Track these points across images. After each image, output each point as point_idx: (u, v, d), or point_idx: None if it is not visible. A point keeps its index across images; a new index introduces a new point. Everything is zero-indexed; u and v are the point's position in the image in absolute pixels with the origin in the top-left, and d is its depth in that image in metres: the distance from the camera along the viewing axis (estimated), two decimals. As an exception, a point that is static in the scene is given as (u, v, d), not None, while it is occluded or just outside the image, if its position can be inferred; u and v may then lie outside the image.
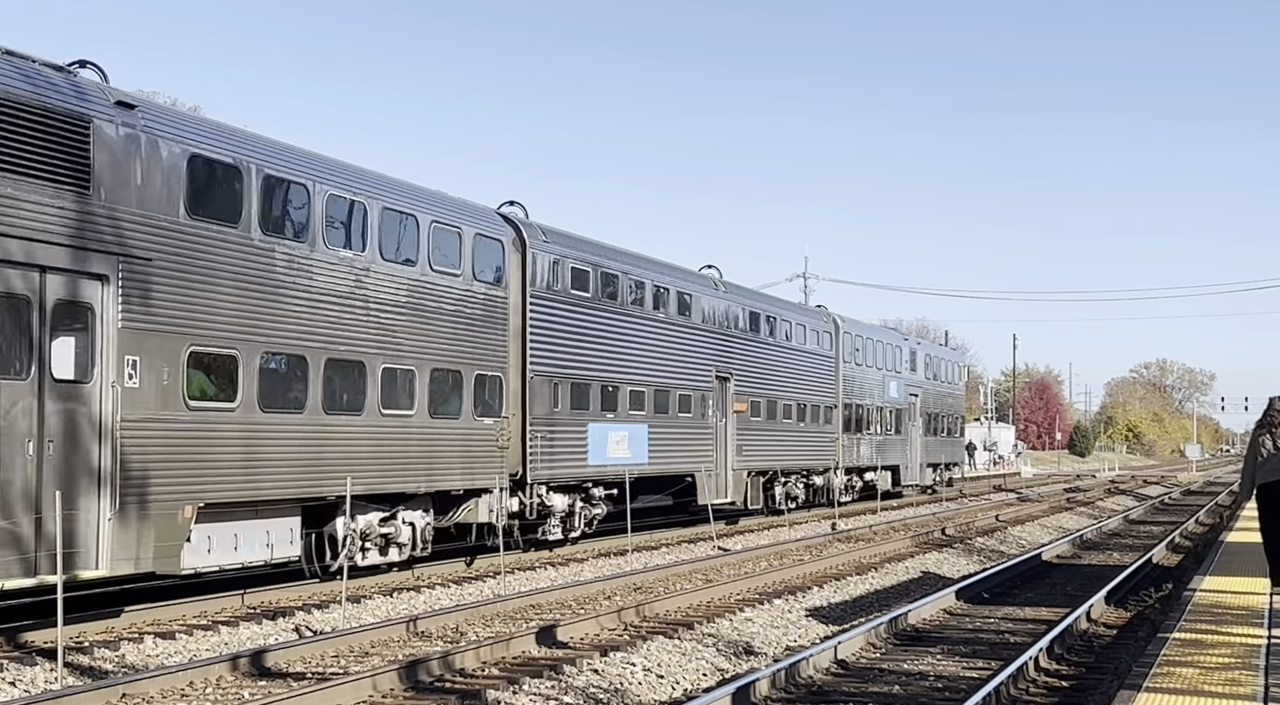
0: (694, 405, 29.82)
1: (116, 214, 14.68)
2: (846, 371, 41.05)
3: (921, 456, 49.24)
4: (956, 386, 56.38)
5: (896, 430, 46.31)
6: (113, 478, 14.37)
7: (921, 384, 49.68)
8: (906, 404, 47.63)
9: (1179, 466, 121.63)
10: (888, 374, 45.49)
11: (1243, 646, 11.75)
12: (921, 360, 50.36)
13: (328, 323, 18.02)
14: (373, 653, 14.24)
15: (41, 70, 14.45)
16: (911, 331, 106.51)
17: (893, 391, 45.92)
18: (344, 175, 19.00)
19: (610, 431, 25.70)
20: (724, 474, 31.61)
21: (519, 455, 22.92)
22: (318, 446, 17.76)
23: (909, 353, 49.05)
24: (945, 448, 53.53)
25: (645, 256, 28.90)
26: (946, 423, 53.56)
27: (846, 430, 40.49)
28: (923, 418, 49.39)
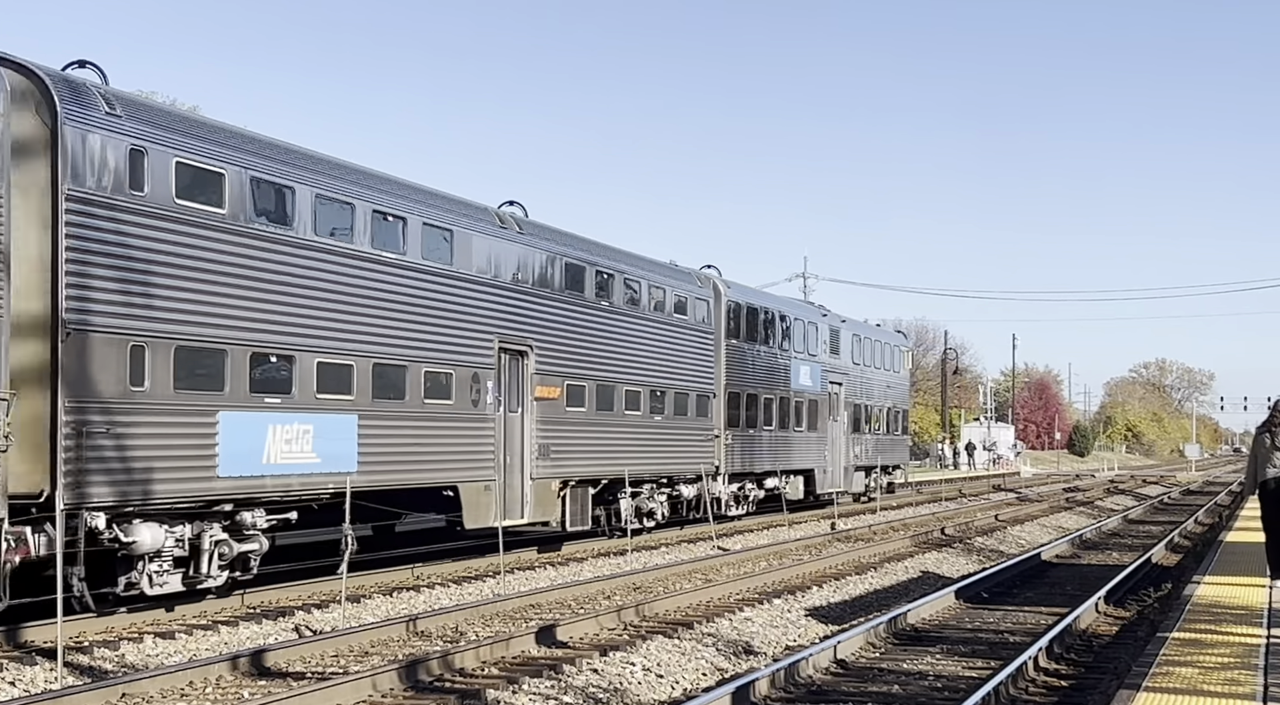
0: (454, 387, 21.05)
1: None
2: (733, 351, 32.65)
3: (847, 458, 41.07)
4: (898, 375, 48.09)
5: (810, 426, 37.86)
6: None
7: (848, 371, 41.52)
8: (825, 394, 39.18)
9: (1178, 466, 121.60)
10: (797, 356, 36.92)
11: (1242, 646, 11.75)
12: (848, 342, 41.86)
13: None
14: (372, 652, 14.25)
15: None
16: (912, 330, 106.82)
17: (804, 378, 37.46)
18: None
19: (275, 425, 17.38)
20: (517, 484, 22.99)
21: (41, 463, 14.39)
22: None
23: (828, 331, 40.09)
24: (884, 447, 45.48)
25: (369, 171, 20.18)
26: (884, 417, 45.75)
27: (734, 426, 32.38)
28: (850, 411, 41.34)
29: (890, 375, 46.87)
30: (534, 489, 23.49)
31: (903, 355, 49.45)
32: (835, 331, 40.94)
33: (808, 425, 37.64)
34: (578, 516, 25.18)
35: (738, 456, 32.76)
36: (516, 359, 23.12)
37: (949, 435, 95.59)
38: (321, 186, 18.42)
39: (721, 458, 31.78)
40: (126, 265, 15.31)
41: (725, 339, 32.22)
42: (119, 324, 15.20)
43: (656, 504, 28.68)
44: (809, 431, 37.76)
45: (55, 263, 14.46)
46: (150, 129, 15.77)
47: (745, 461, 33.22)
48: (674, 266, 31.10)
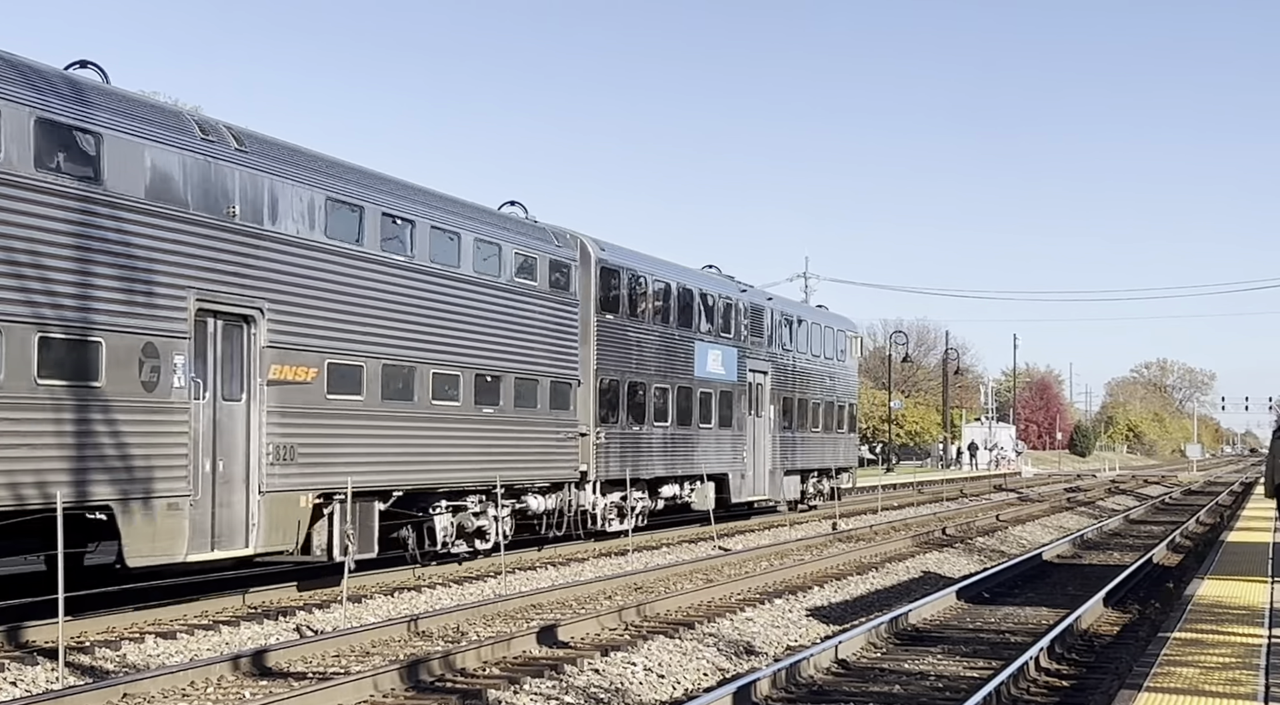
0: (105, 363, 14.81)
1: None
2: (609, 329, 26.36)
3: (774, 459, 34.79)
4: (842, 364, 41.38)
5: (723, 422, 31.70)
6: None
7: (776, 357, 35.19)
8: (744, 384, 33.07)
9: (1179, 466, 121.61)
10: (704, 338, 30.83)
11: (1243, 646, 11.75)
12: (775, 324, 35.41)
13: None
14: (374, 652, 14.25)
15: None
16: (913, 330, 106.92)
17: (713, 365, 31.20)
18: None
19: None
20: (237, 500, 16.70)
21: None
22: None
23: (746, 308, 33.50)
24: (825, 447, 39.05)
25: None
26: (826, 413, 39.14)
27: (609, 421, 26.23)
28: (778, 405, 35.12)
29: (833, 364, 40.29)
30: (266, 506, 16.99)
31: (849, 342, 42.57)
32: (758, 310, 34.20)
33: (719, 421, 31.31)
34: (354, 540, 18.49)
35: (615, 459, 26.29)
36: (235, 327, 16.82)
37: (950, 435, 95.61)
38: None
39: (591, 461, 25.30)
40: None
41: (598, 313, 25.61)
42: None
43: (489, 521, 22.07)
44: (721, 428, 31.48)
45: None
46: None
47: (627, 465, 26.66)
48: (522, 219, 24.46)
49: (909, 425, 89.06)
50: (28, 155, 13.90)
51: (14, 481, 13.59)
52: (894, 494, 52.33)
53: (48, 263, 14.12)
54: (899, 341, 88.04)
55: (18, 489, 13.65)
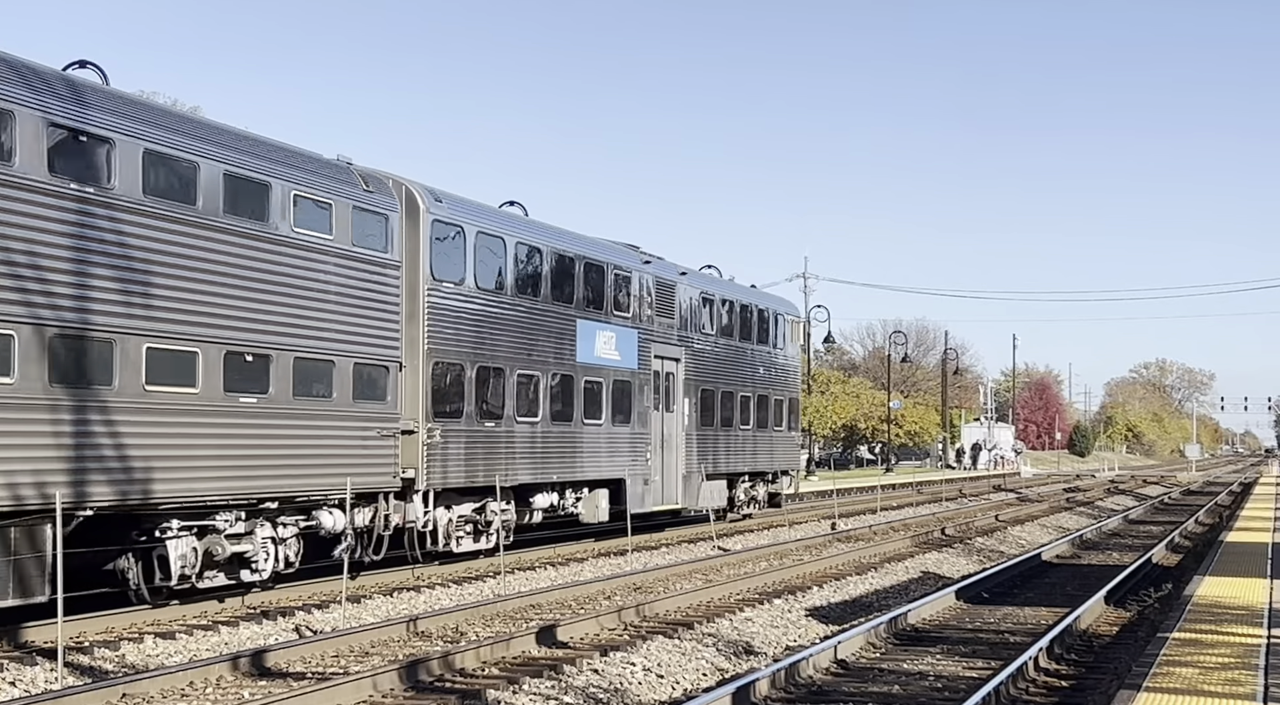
0: None
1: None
2: (447, 301, 21.11)
3: (689, 462, 29.75)
4: (783, 353, 35.89)
5: (619, 417, 26.50)
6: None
7: (691, 342, 30.04)
8: (648, 373, 27.84)
9: (1179, 466, 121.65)
10: (590, 316, 25.47)
11: (1242, 646, 11.76)
12: (691, 302, 30.05)
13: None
14: (373, 652, 14.25)
15: None
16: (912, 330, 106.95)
17: (604, 348, 25.92)
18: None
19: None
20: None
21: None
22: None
23: (650, 283, 28.03)
24: (758, 447, 33.85)
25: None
26: (761, 408, 33.92)
27: (447, 415, 20.98)
28: (697, 398, 30.18)
29: (770, 352, 34.80)
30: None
31: (790, 327, 36.62)
32: (667, 286, 28.85)
33: (612, 416, 26.11)
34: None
35: (458, 463, 21.25)
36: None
37: (949, 436, 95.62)
38: None
39: (420, 465, 20.30)
40: None
41: (432, 280, 20.66)
42: None
43: (257, 546, 17.44)
44: (616, 425, 26.30)
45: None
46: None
47: (477, 470, 21.69)
48: (311, 153, 19.00)
49: (908, 425, 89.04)
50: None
51: None
52: (893, 494, 52.34)
53: None
54: (898, 341, 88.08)
55: None
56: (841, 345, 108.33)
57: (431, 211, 20.83)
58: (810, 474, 66.51)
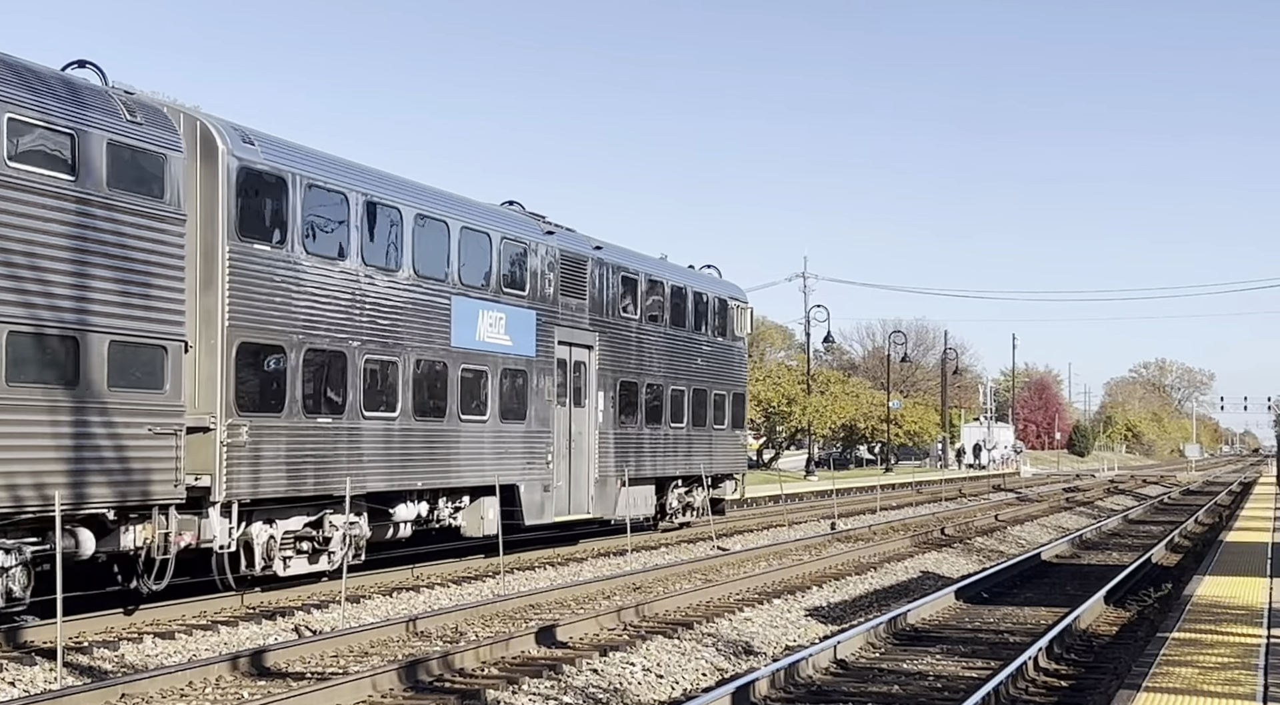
0: None
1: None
2: (258, 264, 17.09)
3: (604, 464, 25.81)
4: (724, 341, 31.78)
5: (509, 412, 22.46)
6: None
7: (608, 326, 26.03)
8: (549, 360, 23.82)
9: (1178, 466, 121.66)
10: (471, 293, 21.47)
11: (1241, 646, 11.76)
12: (604, 280, 26.00)
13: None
14: (372, 652, 14.24)
15: None
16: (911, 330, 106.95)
17: (490, 331, 21.98)
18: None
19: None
20: None
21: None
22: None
23: (552, 257, 24.00)
24: (695, 448, 30.01)
25: None
26: (692, 404, 29.90)
27: (264, 409, 17.12)
28: (611, 391, 26.16)
29: (711, 342, 31.01)
30: None
31: (737, 314, 32.55)
32: (576, 261, 24.89)
33: (500, 411, 22.13)
34: None
35: (274, 468, 17.20)
36: None
37: (949, 436, 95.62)
38: None
39: (218, 471, 16.27)
40: None
41: (236, 238, 16.64)
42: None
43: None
44: (506, 421, 22.30)
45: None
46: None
47: (304, 476, 17.73)
48: (39, 68, 14.71)
49: (908, 425, 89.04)
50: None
51: None
52: (893, 494, 52.35)
53: None
54: (898, 341, 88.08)
55: None
56: (841, 345, 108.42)
57: (237, 154, 16.69)
58: (810, 474, 66.51)
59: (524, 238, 23.28)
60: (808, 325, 72.25)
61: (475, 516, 21.85)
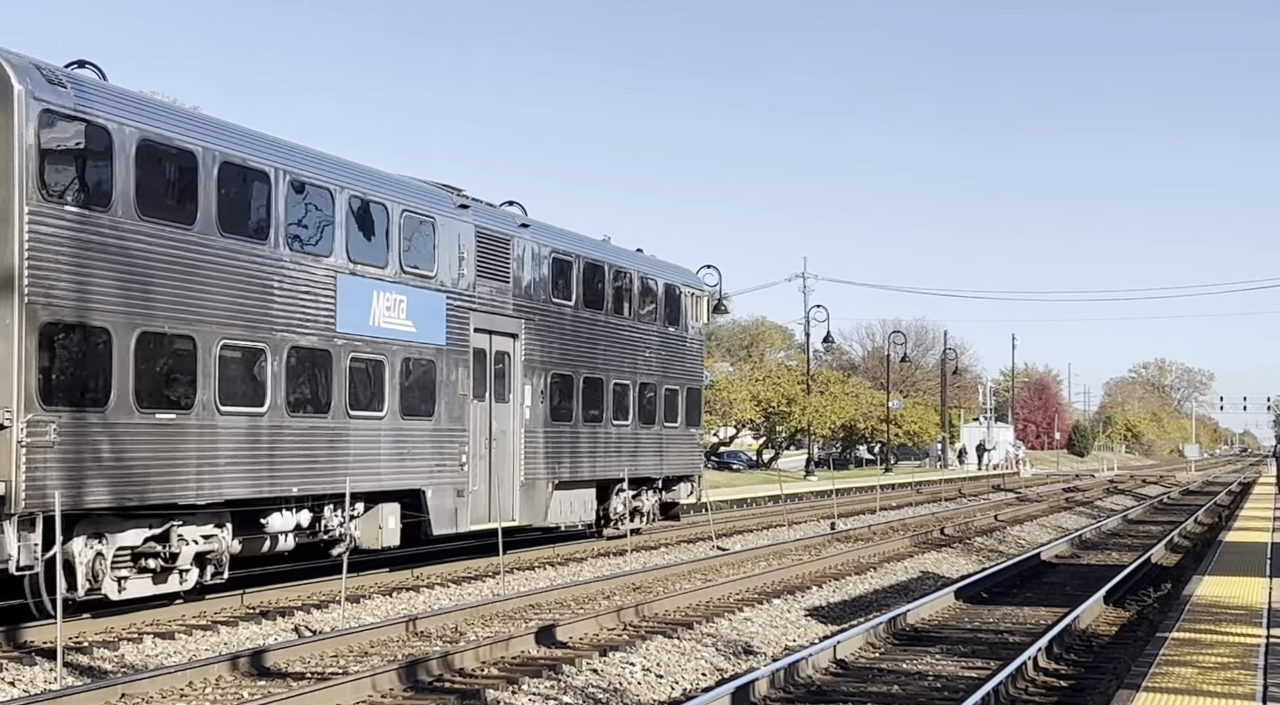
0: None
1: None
2: (67, 229, 14.37)
3: (532, 466, 23.36)
4: (676, 331, 29.24)
5: (412, 408, 20.03)
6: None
7: (537, 313, 23.51)
8: (463, 349, 21.32)
9: (1178, 466, 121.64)
10: (364, 272, 19.03)
11: (1241, 646, 11.76)
12: (533, 260, 23.45)
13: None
14: (372, 652, 14.25)
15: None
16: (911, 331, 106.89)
17: (388, 316, 19.52)
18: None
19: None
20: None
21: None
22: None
23: (467, 233, 21.49)
24: (643, 448, 27.57)
25: None
26: (639, 399, 27.32)
27: (76, 402, 14.42)
28: (541, 384, 23.58)
29: (662, 332, 28.53)
30: None
31: (693, 302, 30.09)
32: (498, 240, 22.44)
33: (401, 406, 19.69)
34: None
35: (102, 473, 14.65)
36: None
37: (949, 436, 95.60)
38: None
39: (15, 477, 13.65)
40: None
41: (35, 201, 14.02)
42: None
43: None
44: (408, 419, 19.91)
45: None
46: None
47: (146, 482, 15.19)
48: None
49: (907, 425, 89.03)
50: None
51: None
52: (892, 494, 52.37)
53: None
54: (897, 341, 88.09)
55: None
56: (841, 345, 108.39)
57: (40, 98, 14.03)
58: (810, 474, 66.52)
59: (431, 211, 20.63)
60: (807, 325, 72.27)
61: (372, 526, 19.46)
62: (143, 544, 15.50)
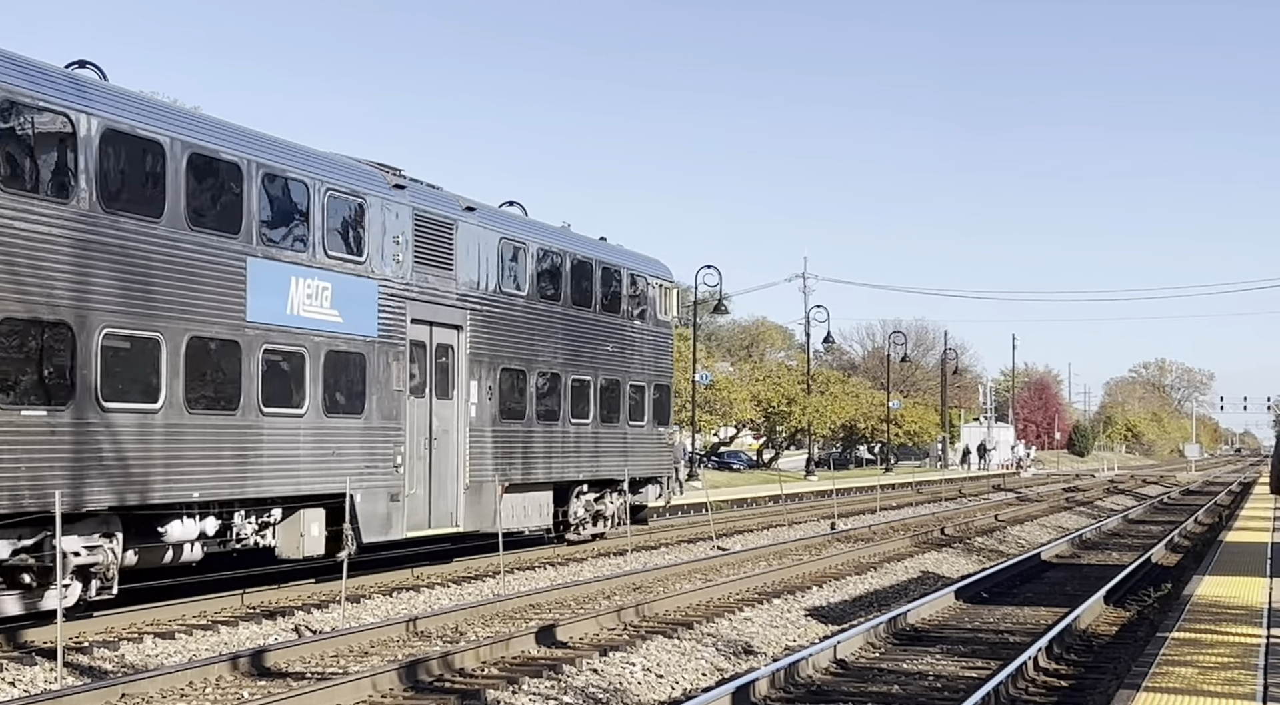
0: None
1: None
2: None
3: (477, 468, 21.59)
4: (641, 325, 27.50)
5: (337, 405, 18.41)
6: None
7: (482, 303, 21.80)
8: (397, 342, 19.71)
9: (1178, 466, 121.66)
10: (279, 254, 17.44)
11: (1241, 646, 11.76)
12: (480, 248, 21.84)
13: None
14: (372, 652, 14.25)
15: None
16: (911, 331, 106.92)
17: (309, 303, 17.92)
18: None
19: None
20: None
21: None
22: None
23: (403, 214, 19.97)
24: (606, 448, 26.00)
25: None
26: (602, 396, 25.74)
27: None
28: (488, 378, 21.90)
29: (627, 325, 26.91)
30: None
31: (661, 294, 28.46)
32: (439, 224, 20.88)
33: (325, 402, 18.08)
34: None
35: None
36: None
37: (949, 436, 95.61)
38: None
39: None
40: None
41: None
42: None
43: None
44: (333, 416, 18.26)
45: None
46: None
47: (16, 487, 13.69)
48: None
49: (907, 425, 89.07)
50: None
51: None
52: (893, 494, 52.37)
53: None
54: (898, 341, 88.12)
55: None
56: (841, 345, 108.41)
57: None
58: (810, 474, 66.53)
59: (360, 191, 19.03)
60: (808, 325, 72.32)
61: (293, 534, 17.77)
62: (11, 557, 13.82)
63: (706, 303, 57.95)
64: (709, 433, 70.29)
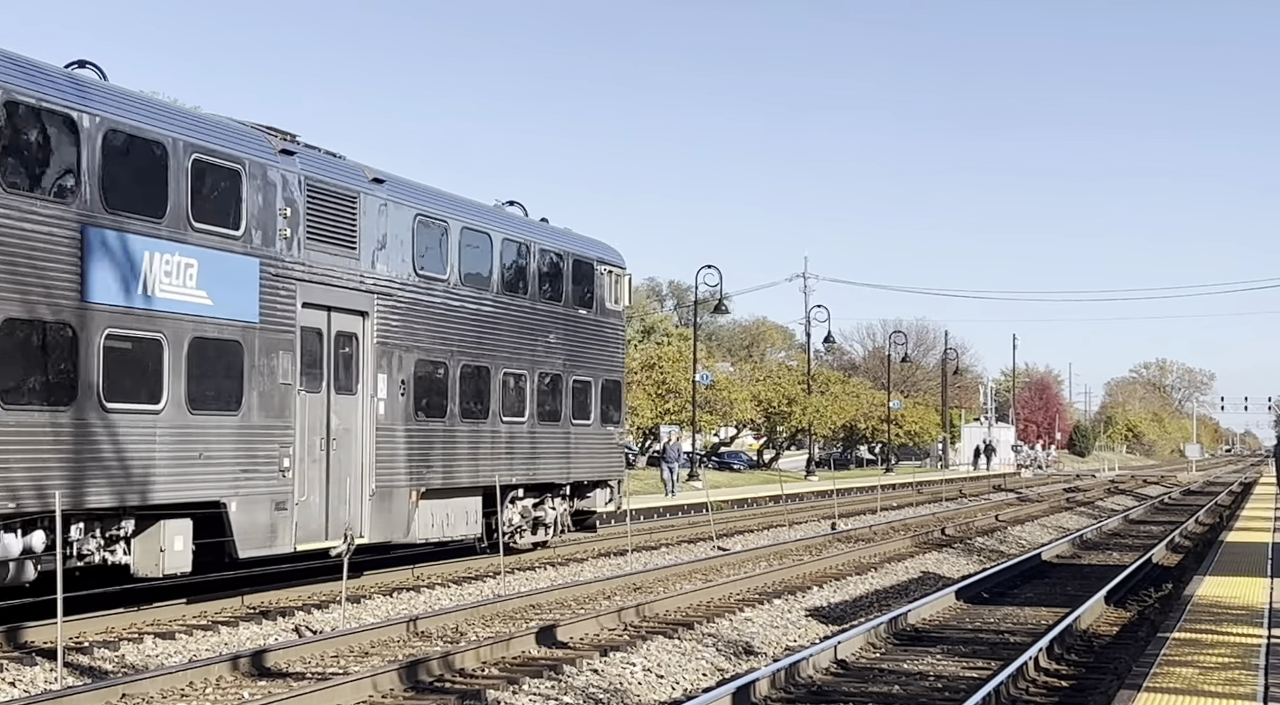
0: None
1: None
2: None
3: (389, 472, 19.32)
4: (589, 315, 25.41)
5: (206, 400, 15.88)
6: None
7: (396, 287, 19.55)
8: (285, 329, 17.27)
9: (1179, 466, 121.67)
10: (131, 225, 14.88)
11: (1242, 646, 11.76)
12: (392, 225, 19.56)
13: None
14: (373, 653, 14.25)
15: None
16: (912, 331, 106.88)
17: (172, 285, 15.38)
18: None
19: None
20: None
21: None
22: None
23: (289, 187, 17.44)
24: (546, 448, 23.83)
25: None
26: (542, 393, 23.63)
27: None
28: (401, 371, 19.58)
29: (570, 314, 24.72)
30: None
31: (612, 282, 26.20)
32: (340, 197, 18.52)
33: (189, 397, 15.61)
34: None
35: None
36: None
37: (949, 435, 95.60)
38: None
39: None
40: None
41: None
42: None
43: None
44: (200, 413, 15.83)
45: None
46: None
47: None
48: None
49: (908, 425, 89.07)
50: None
51: None
52: (893, 494, 52.37)
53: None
54: (898, 341, 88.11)
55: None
56: (841, 345, 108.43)
57: None
58: (810, 474, 66.52)
59: (237, 154, 16.50)
60: (808, 325, 72.29)
61: (151, 548, 15.40)
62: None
63: (707, 303, 57.94)
64: (709, 433, 70.29)
